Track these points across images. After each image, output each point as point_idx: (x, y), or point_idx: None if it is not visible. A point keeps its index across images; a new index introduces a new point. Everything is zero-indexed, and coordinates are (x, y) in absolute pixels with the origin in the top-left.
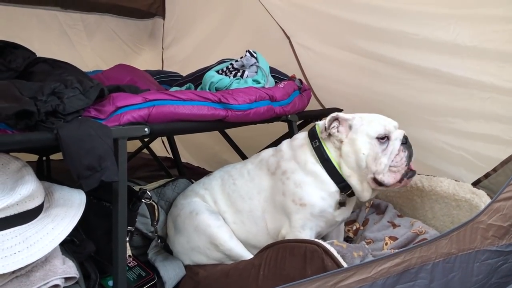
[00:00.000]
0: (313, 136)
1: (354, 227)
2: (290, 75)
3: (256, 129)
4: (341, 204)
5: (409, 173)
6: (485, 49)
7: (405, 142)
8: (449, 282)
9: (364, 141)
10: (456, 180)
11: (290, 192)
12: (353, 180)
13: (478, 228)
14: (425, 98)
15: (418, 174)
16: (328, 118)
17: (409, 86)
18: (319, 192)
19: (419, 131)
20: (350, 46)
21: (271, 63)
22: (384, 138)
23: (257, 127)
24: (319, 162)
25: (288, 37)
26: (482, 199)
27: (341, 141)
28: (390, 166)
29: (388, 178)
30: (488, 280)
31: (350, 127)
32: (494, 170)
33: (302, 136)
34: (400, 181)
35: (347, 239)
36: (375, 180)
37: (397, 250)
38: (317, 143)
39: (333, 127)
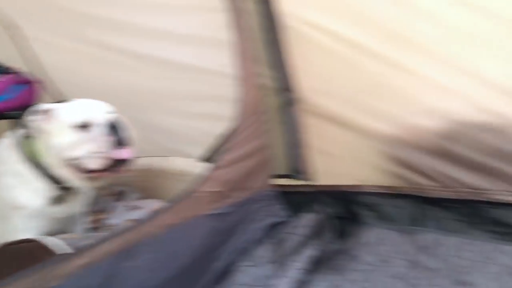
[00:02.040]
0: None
1: (97, 218)
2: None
3: None
4: (60, 199)
5: (118, 163)
6: (196, 36)
7: (112, 127)
8: (176, 251)
9: (61, 130)
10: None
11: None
12: (58, 171)
13: (199, 196)
14: (154, 84)
15: (154, 156)
16: (29, 111)
17: (138, 73)
18: (27, 192)
19: (154, 116)
20: (80, 36)
21: None
22: (85, 126)
23: None
24: (26, 159)
25: (9, 29)
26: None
27: (42, 133)
28: (92, 152)
29: (89, 164)
30: (211, 240)
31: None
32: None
33: (12, 135)
34: (107, 169)
35: (92, 231)
36: (76, 167)
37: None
38: (23, 140)
39: (34, 120)
